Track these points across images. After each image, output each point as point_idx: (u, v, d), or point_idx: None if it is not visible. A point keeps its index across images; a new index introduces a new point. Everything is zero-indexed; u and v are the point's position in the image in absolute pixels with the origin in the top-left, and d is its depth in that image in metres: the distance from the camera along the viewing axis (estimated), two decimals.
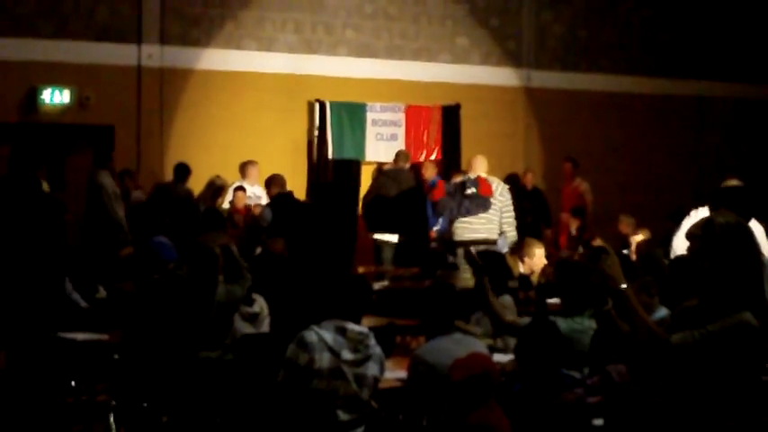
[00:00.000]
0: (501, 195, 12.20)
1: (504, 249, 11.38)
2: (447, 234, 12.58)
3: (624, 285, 3.73)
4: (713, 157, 18.19)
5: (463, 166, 15.12)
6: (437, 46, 16.18)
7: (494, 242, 11.98)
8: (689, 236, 3.82)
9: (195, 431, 6.80)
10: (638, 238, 11.91)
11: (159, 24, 14.17)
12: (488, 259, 8.12)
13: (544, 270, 9.44)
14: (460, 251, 11.56)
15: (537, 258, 9.49)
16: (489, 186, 12.19)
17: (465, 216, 12.12)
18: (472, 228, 12.11)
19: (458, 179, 12.81)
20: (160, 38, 14.18)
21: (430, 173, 14.19)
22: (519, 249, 9.83)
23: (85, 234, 12.12)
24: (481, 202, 12.14)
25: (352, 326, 5.68)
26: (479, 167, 12.48)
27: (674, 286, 5.45)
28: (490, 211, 12.10)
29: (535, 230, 14.45)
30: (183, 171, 13.48)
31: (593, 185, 15.77)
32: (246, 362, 6.62)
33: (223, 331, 6.96)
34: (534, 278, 9.38)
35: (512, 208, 12.30)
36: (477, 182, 12.21)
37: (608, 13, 17.57)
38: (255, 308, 7.56)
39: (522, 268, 9.44)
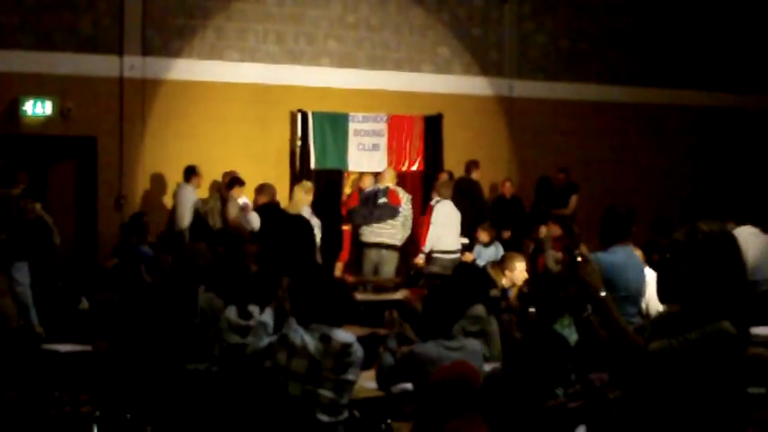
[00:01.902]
0: (406, 204, 13.47)
1: (489, 259, 11.47)
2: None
3: (604, 293, 3.74)
4: (698, 165, 18.28)
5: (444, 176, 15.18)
6: (419, 56, 16.21)
7: (395, 247, 13.33)
8: (672, 242, 3.83)
9: None
10: None
11: (141, 35, 14.16)
12: (466, 271, 8.17)
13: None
14: (369, 252, 13.28)
15: (518, 272, 9.55)
16: (398, 197, 13.34)
17: (377, 222, 13.23)
18: (377, 232, 13.23)
19: (367, 187, 13.84)
20: (142, 49, 14.16)
21: (387, 180, 13.89)
22: (500, 263, 9.88)
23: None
24: (391, 211, 13.24)
25: (336, 336, 5.71)
26: (388, 179, 13.54)
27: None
28: (397, 218, 13.28)
29: (514, 240, 14.56)
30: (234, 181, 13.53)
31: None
32: (231, 371, 6.61)
33: (209, 341, 6.94)
34: (514, 291, 9.44)
35: (411, 216, 13.57)
36: (387, 192, 13.30)
37: (590, 23, 17.64)
38: (251, 322, 7.48)
39: (504, 281, 9.49)
